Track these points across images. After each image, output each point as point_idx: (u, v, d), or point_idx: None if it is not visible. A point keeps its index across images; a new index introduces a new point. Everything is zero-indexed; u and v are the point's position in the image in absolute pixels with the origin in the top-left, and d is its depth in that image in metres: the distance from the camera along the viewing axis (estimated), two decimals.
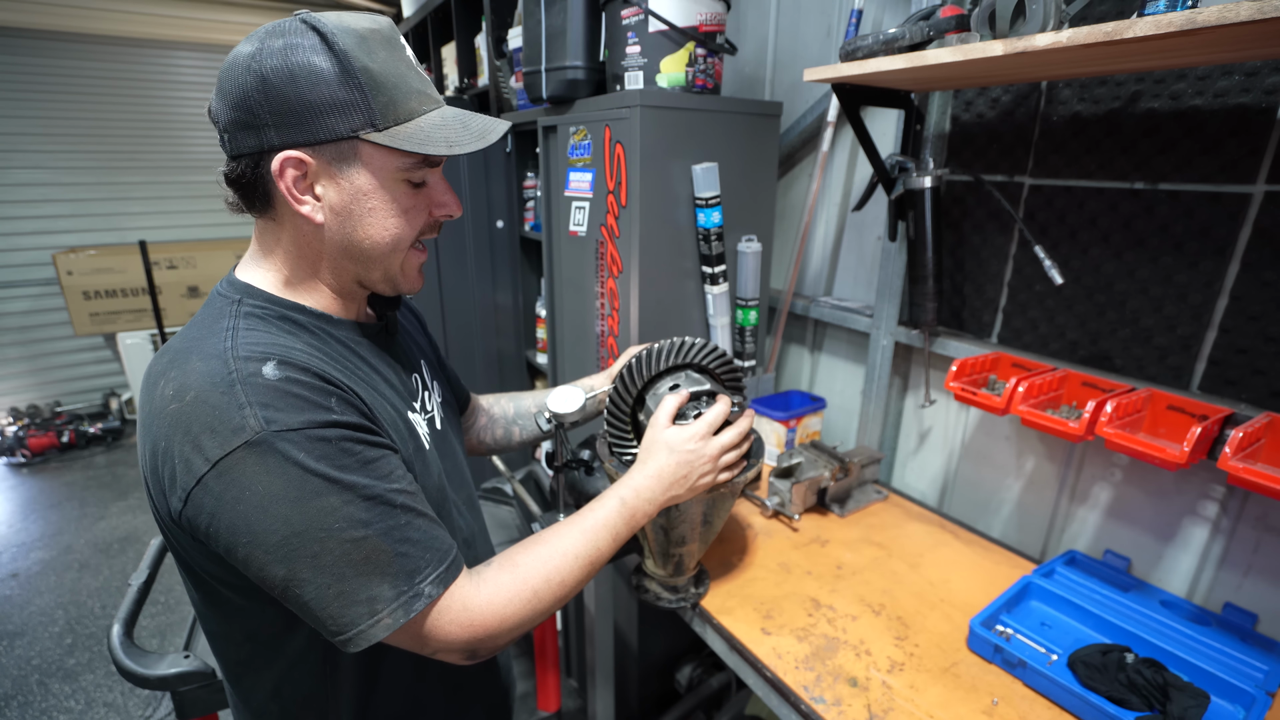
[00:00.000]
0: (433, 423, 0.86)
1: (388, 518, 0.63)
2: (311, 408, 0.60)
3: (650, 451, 0.90)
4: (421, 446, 0.77)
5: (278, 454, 0.58)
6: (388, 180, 0.68)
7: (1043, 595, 1.09)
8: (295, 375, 0.61)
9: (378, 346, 0.80)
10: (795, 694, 0.91)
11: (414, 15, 3.03)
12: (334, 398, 0.63)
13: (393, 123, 0.66)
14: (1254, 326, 0.98)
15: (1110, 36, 0.75)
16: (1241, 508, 1.04)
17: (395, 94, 0.66)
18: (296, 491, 0.58)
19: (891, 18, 1.44)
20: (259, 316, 0.68)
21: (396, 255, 0.73)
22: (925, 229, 1.27)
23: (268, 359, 0.61)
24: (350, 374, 0.69)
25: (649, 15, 1.38)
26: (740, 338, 1.63)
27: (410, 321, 1.00)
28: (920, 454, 1.56)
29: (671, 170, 1.42)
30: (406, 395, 0.81)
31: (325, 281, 0.74)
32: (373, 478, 0.63)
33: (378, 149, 0.67)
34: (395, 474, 0.66)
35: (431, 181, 0.74)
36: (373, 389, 0.72)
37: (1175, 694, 0.86)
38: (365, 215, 0.69)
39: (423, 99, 0.69)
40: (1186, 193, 1.02)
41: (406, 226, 0.72)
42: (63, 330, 4.26)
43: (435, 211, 0.75)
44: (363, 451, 0.63)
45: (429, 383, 0.91)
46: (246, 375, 0.59)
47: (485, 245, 2.21)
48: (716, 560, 1.21)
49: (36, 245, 4.12)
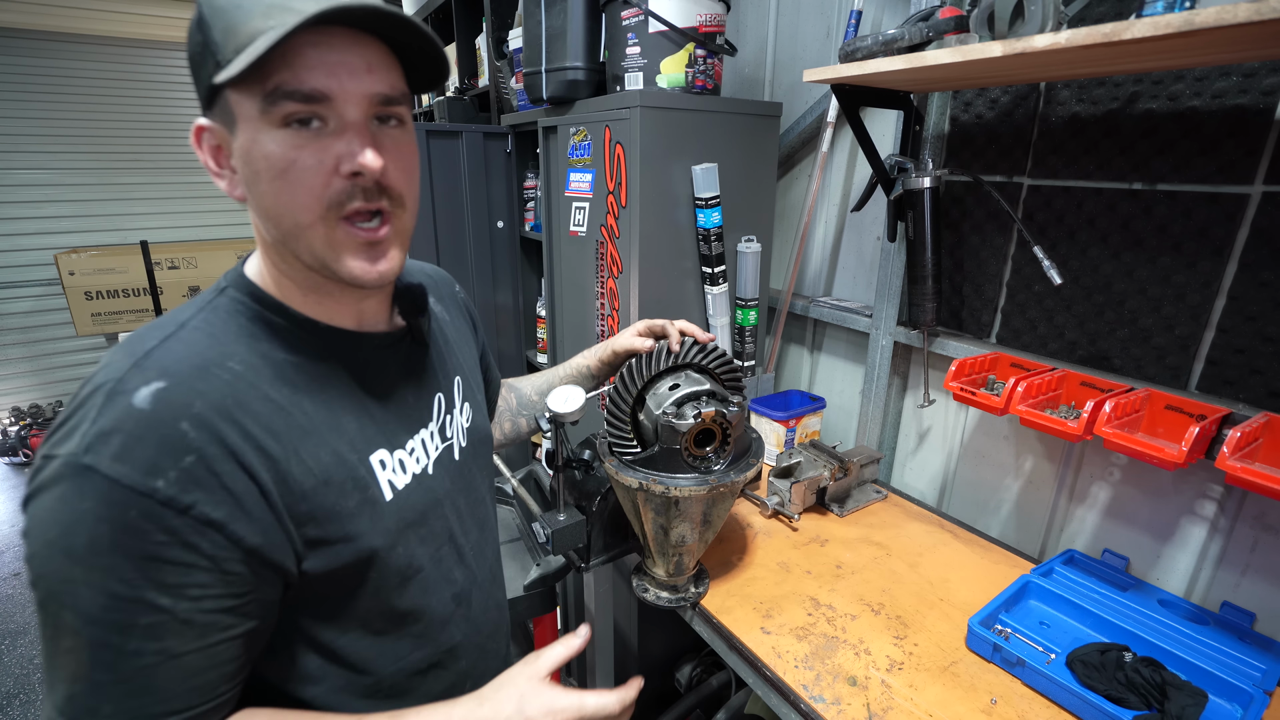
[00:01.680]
0: (449, 453, 0.76)
1: (114, 634, 0.50)
2: (140, 467, 0.50)
3: (496, 696, 0.68)
4: (374, 500, 0.64)
5: (74, 487, 0.49)
6: (260, 129, 0.54)
7: (1041, 594, 1.09)
8: (163, 413, 0.51)
9: (383, 363, 0.69)
10: (795, 693, 0.92)
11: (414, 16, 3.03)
12: (192, 457, 0.51)
13: (233, 53, 0.52)
14: (1252, 326, 0.98)
15: (1108, 38, 0.75)
16: (1239, 507, 1.04)
17: (236, 15, 0.52)
18: (61, 537, 0.49)
19: (891, 19, 1.44)
20: (229, 311, 0.61)
21: (309, 230, 0.57)
22: (924, 229, 1.27)
23: (162, 377, 0.53)
24: (285, 416, 0.58)
25: (649, 16, 1.38)
26: (740, 338, 1.63)
27: (453, 323, 0.87)
28: (919, 454, 1.56)
29: (671, 170, 1.42)
30: (401, 427, 0.69)
31: (286, 274, 0.63)
32: (141, 576, 0.50)
33: (237, 93, 0.54)
34: (182, 589, 0.51)
35: (332, 125, 0.56)
36: (317, 434, 0.60)
37: (1173, 693, 0.86)
38: (255, 180, 0.57)
39: (276, 12, 0.52)
40: (1184, 193, 1.02)
41: (295, 189, 0.56)
42: (65, 330, 4.26)
43: (343, 165, 0.56)
44: (158, 546, 0.50)
45: (458, 404, 0.80)
46: (119, 390, 0.52)
47: (485, 245, 2.21)
48: (716, 560, 1.22)
49: (38, 245, 4.12)
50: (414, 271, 0.86)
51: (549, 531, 1.06)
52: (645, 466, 0.96)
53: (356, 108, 0.56)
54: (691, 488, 0.94)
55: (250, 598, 0.56)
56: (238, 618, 0.55)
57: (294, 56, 0.53)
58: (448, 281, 0.93)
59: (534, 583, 1.36)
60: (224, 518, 0.53)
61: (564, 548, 1.09)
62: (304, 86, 0.53)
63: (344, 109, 0.56)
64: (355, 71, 0.55)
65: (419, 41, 0.59)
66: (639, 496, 0.98)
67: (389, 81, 0.58)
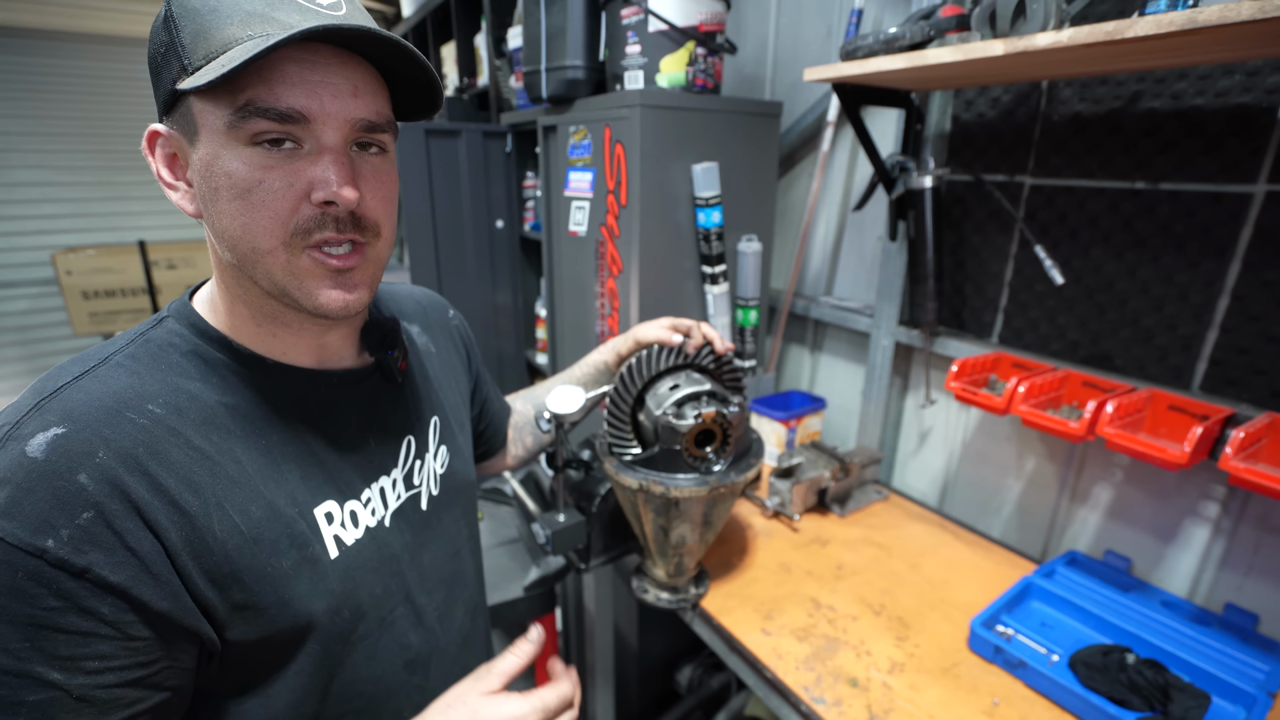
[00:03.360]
0: (414, 502, 0.70)
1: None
2: (28, 524, 0.44)
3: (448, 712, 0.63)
4: (314, 559, 0.58)
5: None
6: (226, 144, 0.50)
7: (1043, 596, 1.09)
8: (58, 464, 0.46)
9: (340, 403, 0.63)
10: (795, 694, 0.91)
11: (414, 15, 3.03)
12: (90, 513, 0.46)
13: (203, 59, 0.48)
14: (1255, 326, 0.97)
15: (1111, 36, 0.75)
16: (1242, 508, 1.04)
17: (210, 20, 0.48)
18: None
19: (892, 17, 1.43)
20: (162, 345, 0.55)
21: (268, 256, 0.53)
22: (926, 229, 1.26)
23: (63, 423, 0.47)
24: (209, 465, 0.53)
25: (649, 15, 1.38)
26: (740, 338, 1.63)
27: (439, 355, 0.81)
28: (920, 454, 1.56)
29: (671, 170, 1.41)
30: (357, 475, 0.64)
31: (241, 300, 0.57)
32: (31, 648, 0.44)
33: (202, 102, 0.49)
34: (78, 663, 0.46)
35: (307, 147, 0.52)
36: (246, 488, 0.55)
37: (1176, 694, 0.86)
38: (214, 198, 0.51)
39: (255, 21, 0.48)
40: (1187, 192, 1.02)
41: (257, 211, 0.51)
42: (62, 330, 4.25)
43: (315, 193, 0.52)
44: (49, 613, 0.44)
45: (431, 448, 0.74)
46: (13, 436, 0.47)
47: (485, 245, 2.21)
48: (716, 560, 1.21)
49: (35, 245, 4.11)
50: (400, 298, 0.81)
51: (549, 532, 1.05)
52: (645, 467, 0.96)
53: (336, 132, 0.52)
54: (691, 488, 0.94)
55: (159, 666, 0.50)
56: (145, 690, 0.49)
57: (272, 71, 0.49)
58: (439, 307, 0.87)
59: (534, 584, 1.36)
60: (125, 581, 0.47)
61: (564, 548, 1.09)
62: (280, 104, 0.49)
63: (322, 132, 0.52)
64: (339, 93, 0.52)
65: (412, 69, 0.55)
66: (639, 497, 0.98)
67: (374, 107, 0.54)
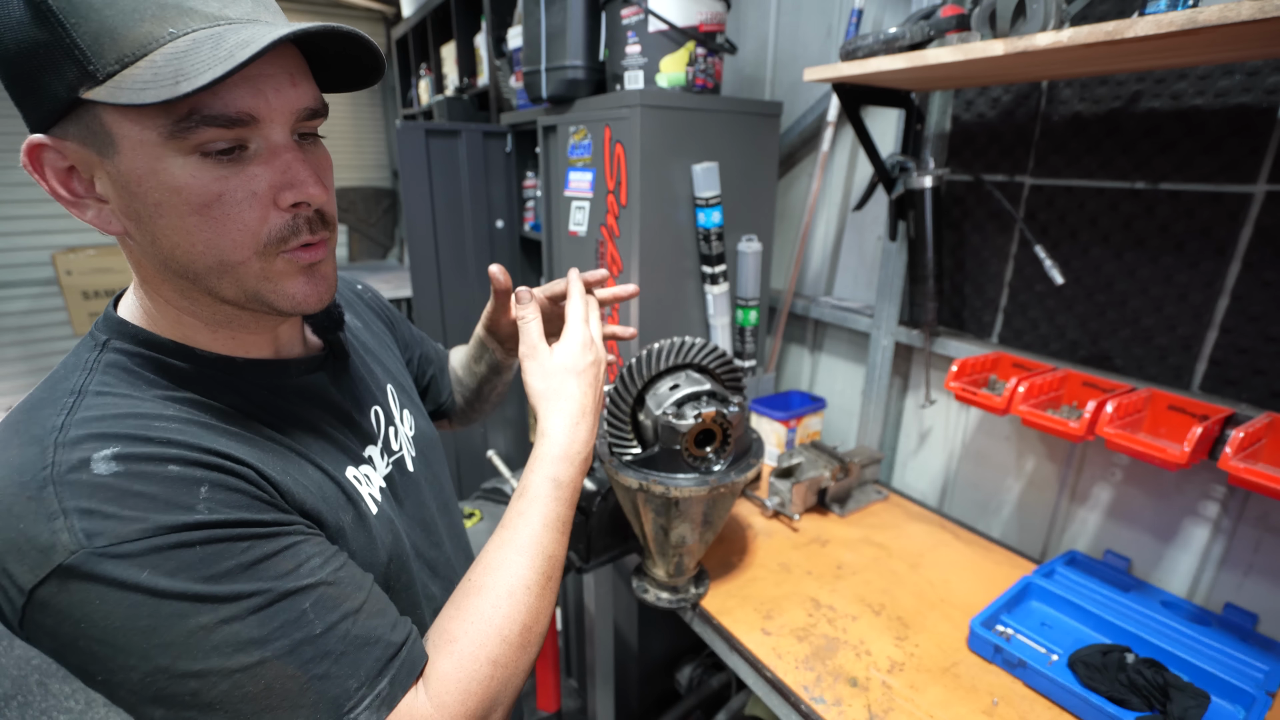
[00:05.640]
0: (400, 467, 0.71)
1: (293, 629, 0.46)
2: (162, 508, 0.44)
3: (554, 390, 0.69)
4: (364, 515, 0.60)
5: (105, 579, 0.41)
6: (163, 156, 0.45)
7: (1043, 595, 1.09)
8: (142, 467, 0.44)
9: (315, 387, 0.63)
10: (795, 694, 0.91)
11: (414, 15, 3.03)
12: (205, 486, 0.46)
13: (116, 63, 0.42)
14: (1255, 326, 0.97)
15: (1111, 36, 0.75)
16: (1242, 508, 1.04)
17: (112, 16, 0.42)
18: (147, 620, 0.42)
19: (892, 17, 1.43)
20: (125, 368, 0.51)
21: (240, 267, 0.49)
22: (925, 229, 1.26)
23: (106, 443, 0.44)
24: (251, 442, 0.52)
25: (649, 15, 1.38)
26: (740, 338, 1.63)
27: (368, 329, 0.80)
28: (920, 454, 1.56)
29: (671, 170, 1.41)
30: (356, 444, 0.64)
31: (185, 310, 0.54)
32: (266, 579, 0.46)
33: (119, 111, 0.44)
34: (305, 565, 0.49)
35: (253, 148, 0.48)
36: (292, 454, 0.56)
37: (1175, 694, 0.86)
38: (154, 217, 0.47)
39: (172, 14, 0.43)
40: (1187, 192, 1.02)
41: (222, 226, 0.47)
42: (62, 330, 4.25)
43: (282, 197, 0.49)
44: (248, 549, 0.46)
45: (396, 414, 0.74)
46: (66, 471, 0.43)
47: (485, 245, 2.21)
48: (716, 560, 1.21)
49: (35, 245, 4.11)
50: None
51: None
52: (645, 467, 0.96)
53: (283, 127, 0.48)
54: (691, 488, 0.94)
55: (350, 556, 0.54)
56: (359, 568, 0.54)
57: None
58: (345, 284, 0.85)
59: None
60: (276, 515, 0.49)
61: None
62: (229, 110, 0.44)
63: (269, 130, 0.47)
64: (280, 86, 0.47)
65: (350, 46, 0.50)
66: (639, 497, 0.98)
67: (312, 92, 0.51)
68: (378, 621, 0.51)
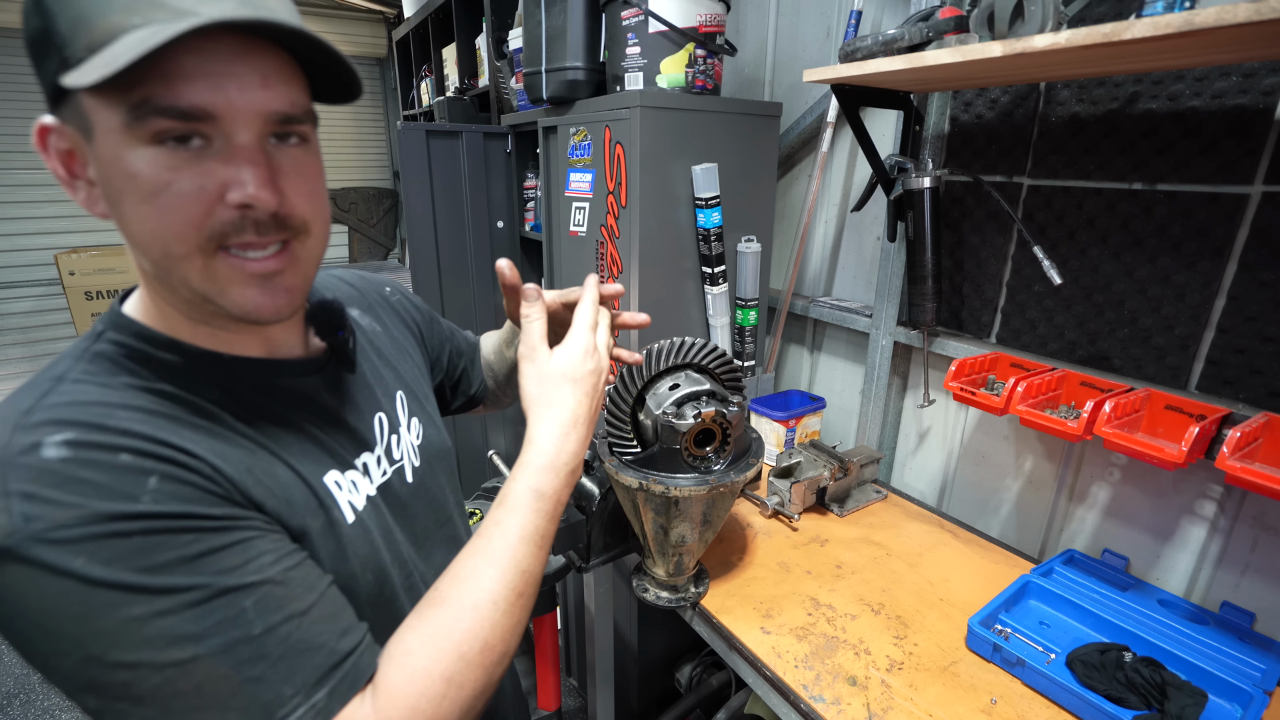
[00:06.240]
0: (399, 475, 0.69)
1: (229, 627, 0.45)
2: (104, 496, 0.44)
3: (547, 397, 0.68)
4: (336, 522, 0.58)
5: (39, 563, 0.42)
6: (125, 144, 0.46)
7: (1041, 594, 1.09)
8: (92, 455, 0.45)
9: (306, 389, 0.62)
10: (795, 693, 0.92)
11: (415, 16, 3.04)
12: (155, 477, 0.46)
13: (85, 50, 0.43)
14: (1251, 327, 0.98)
15: (1108, 38, 0.75)
16: (1239, 507, 1.05)
17: (87, 5, 0.44)
18: (79, 607, 0.42)
19: (891, 19, 1.44)
20: (111, 359, 0.52)
21: (183, 262, 0.49)
22: (924, 229, 1.27)
23: (62, 429, 0.45)
24: (218, 437, 0.52)
25: (649, 16, 1.38)
26: (740, 338, 1.63)
27: (387, 333, 0.80)
28: (919, 454, 1.56)
29: (671, 170, 1.42)
30: (346, 449, 0.63)
31: (168, 302, 0.54)
32: (207, 574, 0.45)
33: (93, 98, 0.45)
34: (254, 563, 0.47)
35: (217, 144, 0.48)
36: (262, 453, 0.55)
37: (1173, 692, 0.86)
38: (119, 201, 0.48)
39: (142, 6, 0.44)
40: (1184, 193, 1.02)
41: (167, 216, 0.47)
42: (65, 331, 4.27)
43: (230, 195, 0.48)
44: (192, 543, 0.45)
45: (404, 421, 0.73)
46: (18, 452, 0.44)
47: (485, 245, 2.21)
48: (716, 560, 1.22)
49: (39, 246, 4.13)
50: (329, 286, 0.78)
51: None
52: (645, 466, 0.96)
53: (248, 129, 0.48)
54: (691, 488, 0.94)
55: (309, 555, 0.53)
56: (320, 570, 0.53)
57: (169, 65, 0.44)
58: (374, 286, 0.85)
59: None
60: (228, 508, 0.49)
61: (563, 548, 1.10)
62: (181, 102, 0.45)
63: (232, 129, 0.47)
64: (246, 86, 0.47)
65: (322, 57, 0.50)
66: (639, 496, 0.98)
67: (288, 97, 0.50)
68: (324, 627, 0.50)
